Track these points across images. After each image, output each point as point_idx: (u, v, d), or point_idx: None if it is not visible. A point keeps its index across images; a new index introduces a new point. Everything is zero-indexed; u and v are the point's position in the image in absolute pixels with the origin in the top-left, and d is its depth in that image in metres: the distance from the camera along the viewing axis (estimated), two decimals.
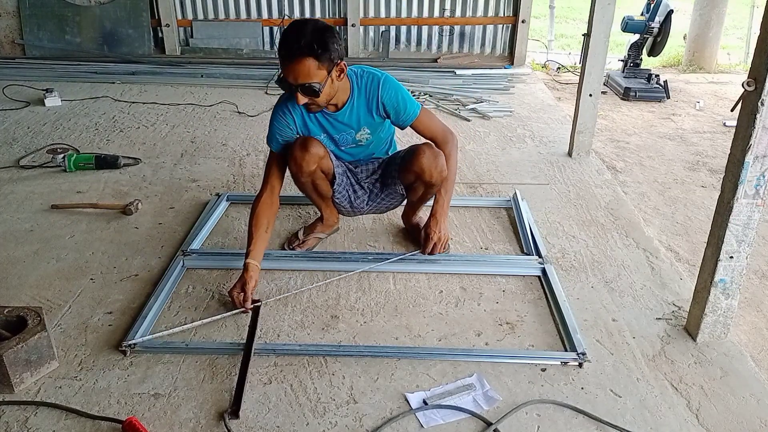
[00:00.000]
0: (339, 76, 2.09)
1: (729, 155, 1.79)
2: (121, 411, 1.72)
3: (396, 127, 2.42)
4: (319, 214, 2.60)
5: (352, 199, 2.45)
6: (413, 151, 2.31)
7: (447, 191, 2.38)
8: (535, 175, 3.34)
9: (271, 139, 2.30)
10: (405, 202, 2.56)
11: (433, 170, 2.27)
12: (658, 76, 5.57)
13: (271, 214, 2.26)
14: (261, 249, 2.20)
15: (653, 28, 5.41)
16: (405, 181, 2.40)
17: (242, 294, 2.08)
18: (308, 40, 1.95)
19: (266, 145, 2.33)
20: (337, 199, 2.42)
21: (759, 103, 1.64)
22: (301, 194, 2.50)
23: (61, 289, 2.28)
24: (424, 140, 2.38)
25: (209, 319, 2.09)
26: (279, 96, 2.32)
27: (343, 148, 2.37)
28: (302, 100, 2.08)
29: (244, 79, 5.11)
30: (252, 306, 2.09)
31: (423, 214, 2.60)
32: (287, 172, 2.32)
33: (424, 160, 2.26)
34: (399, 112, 2.27)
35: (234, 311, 2.10)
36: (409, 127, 2.34)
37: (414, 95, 4.69)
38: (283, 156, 2.29)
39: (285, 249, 2.55)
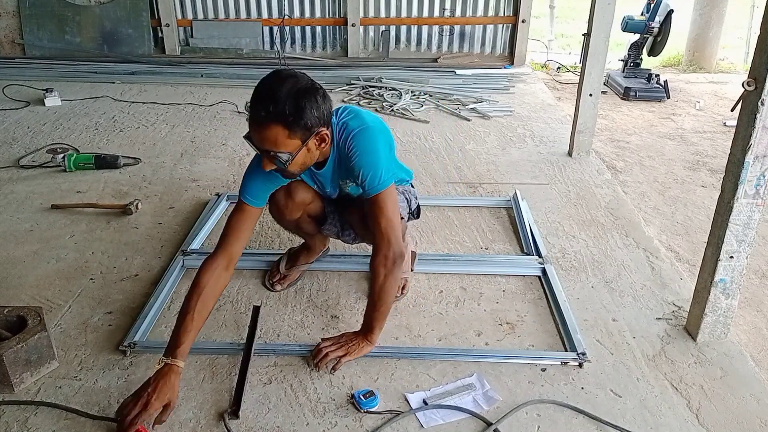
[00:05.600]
0: (320, 145, 1.73)
1: (729, 155, 1.79)
2: None
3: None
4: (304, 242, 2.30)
5: (341, 234, 2.17)
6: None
7: (380, 311, 1.87)
8: (535, 174, 3.34)
9: (246, 190, 1.85)
10: None
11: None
12: (658, 75, 5.58)
13: (219, 290, 1.81)
14: (190, 342, 1.71)
15: (653, 28, 5.41)
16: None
17: (138, 414, 1.57)
18: (281, 106, 1.60)
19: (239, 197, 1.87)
20: (326, 233, 2.19)
21: (759, 103, 1.64)
22: None
23: (61, 289, 2.28)
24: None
25: None
26: None
27: (334, 197, 2.09)
28: (269, 166, 1.70)
29: (244, 78, 5.11)
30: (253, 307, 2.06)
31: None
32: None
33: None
34: (362, 180, 1.82)
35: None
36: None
37: (414, 95, 4.70)
38: (255, 211, 1.86)
39: (265, 285, 2.26)
